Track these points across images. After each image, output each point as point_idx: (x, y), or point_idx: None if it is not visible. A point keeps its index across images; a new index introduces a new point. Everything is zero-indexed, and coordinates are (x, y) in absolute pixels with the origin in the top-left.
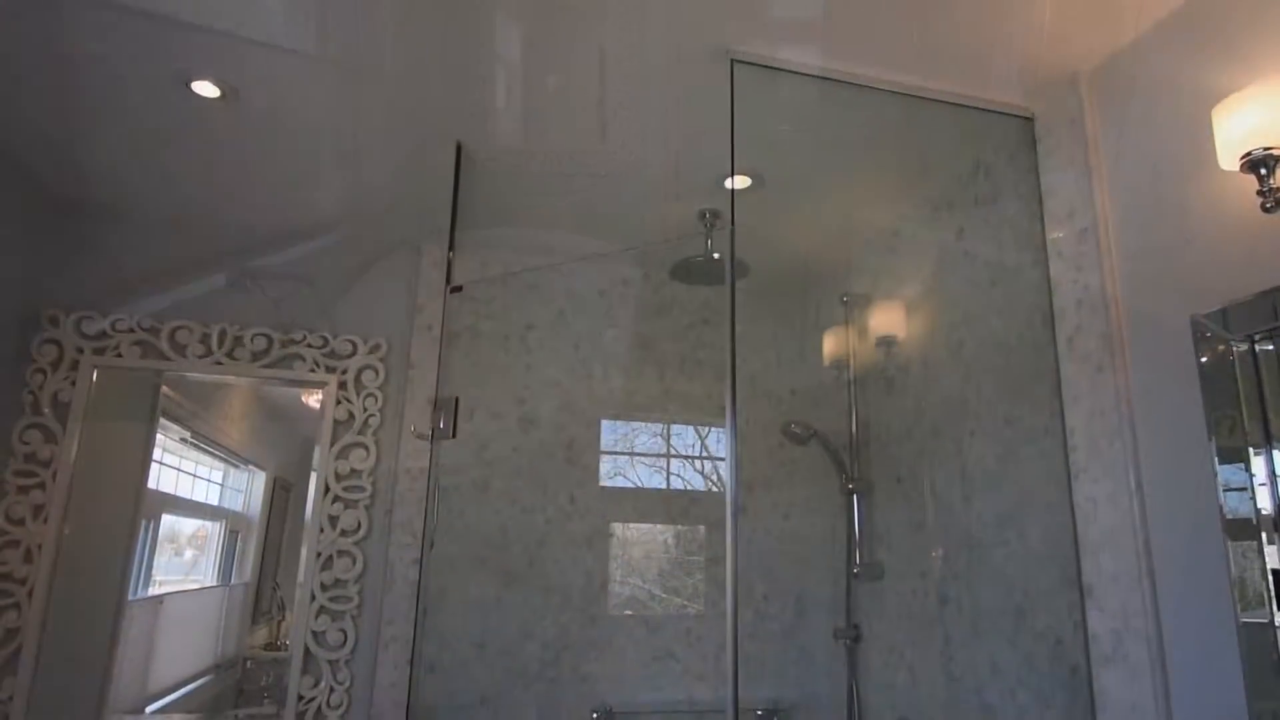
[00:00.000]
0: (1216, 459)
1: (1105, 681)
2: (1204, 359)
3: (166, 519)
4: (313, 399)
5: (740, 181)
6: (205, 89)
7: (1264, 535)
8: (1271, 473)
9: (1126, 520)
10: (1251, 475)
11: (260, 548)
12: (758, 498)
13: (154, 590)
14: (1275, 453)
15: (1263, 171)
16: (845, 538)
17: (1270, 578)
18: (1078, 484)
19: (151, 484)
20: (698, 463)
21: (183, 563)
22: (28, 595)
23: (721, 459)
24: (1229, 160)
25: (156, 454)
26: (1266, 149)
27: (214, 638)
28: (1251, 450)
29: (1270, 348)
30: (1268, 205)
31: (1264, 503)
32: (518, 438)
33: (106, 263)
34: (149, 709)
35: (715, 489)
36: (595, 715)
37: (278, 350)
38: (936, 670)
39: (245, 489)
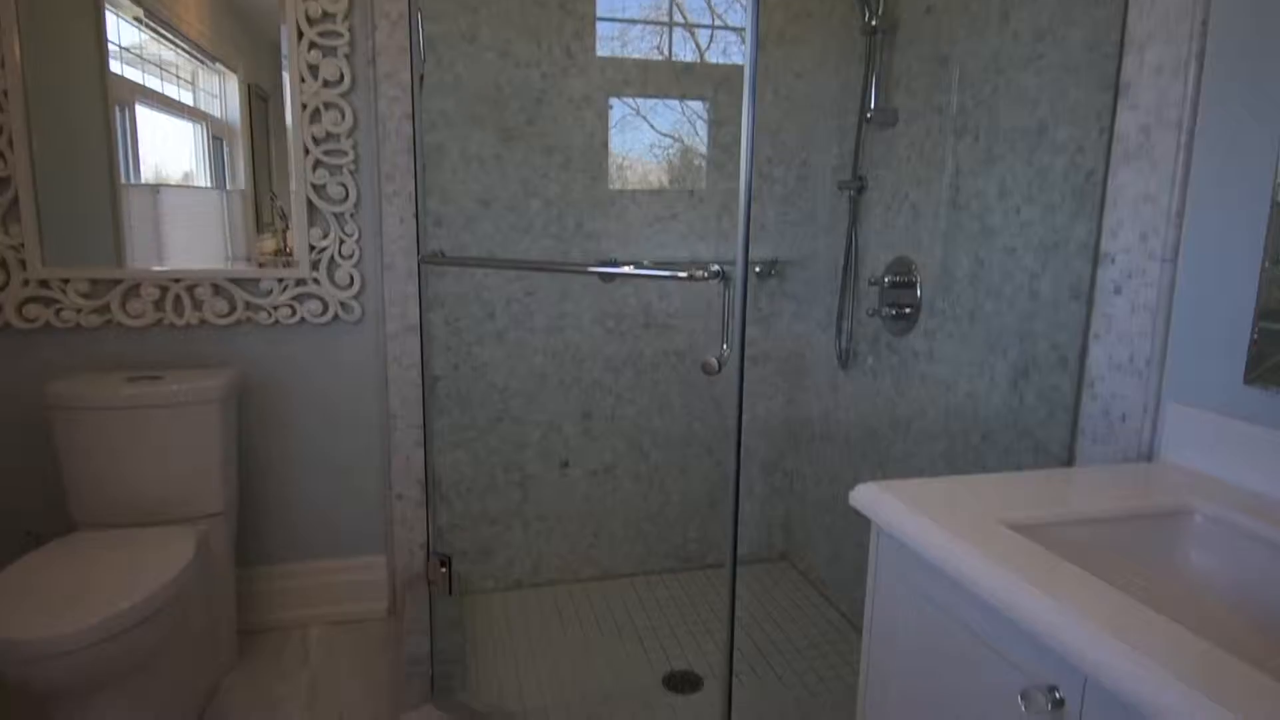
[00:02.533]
0: None
1: (1122, 178)
2: None
3: (146, 142)
4: None
5: None
6: None
7: None
8: None
9: (1186, 5)
10: None
11: (249, 157)
12: (769, 55)
13: (147, 180)
14: None
15: None
16: (860, 88)
17: None
18: None
19: (116, 70)
20: (703, 29)
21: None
22: (9, 144)
23: (740, 28)
24: None
25: (113, 36)
26: None
27: (221, 238)
28: None
29: None
30: None
31: None
32: None
33: None
34: None
35: (723, 60)
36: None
37: None
38: (940, 204)
39: (220, 94)
